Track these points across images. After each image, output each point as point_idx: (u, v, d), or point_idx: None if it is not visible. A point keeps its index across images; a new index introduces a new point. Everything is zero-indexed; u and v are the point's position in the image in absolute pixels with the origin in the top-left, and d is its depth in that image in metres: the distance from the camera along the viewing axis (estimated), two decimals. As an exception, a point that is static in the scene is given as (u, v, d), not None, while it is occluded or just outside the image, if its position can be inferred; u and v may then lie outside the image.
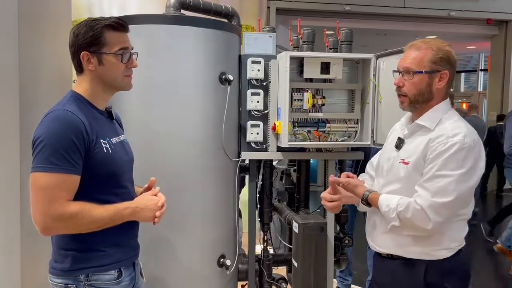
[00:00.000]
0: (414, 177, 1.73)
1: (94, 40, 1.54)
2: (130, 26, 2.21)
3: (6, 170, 2.26)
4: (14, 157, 2.25)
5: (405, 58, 1.79)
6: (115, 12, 4.43)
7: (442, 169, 1.64)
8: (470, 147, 1.65)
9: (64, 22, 2.74)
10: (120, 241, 1.63)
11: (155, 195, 1.67)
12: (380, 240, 1.86)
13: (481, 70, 12.92)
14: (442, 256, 1.74)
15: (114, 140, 1.63)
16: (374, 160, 2.06)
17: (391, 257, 1.83)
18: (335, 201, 1.92)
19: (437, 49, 1.73)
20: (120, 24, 1.59)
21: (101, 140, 1.55)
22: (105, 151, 1.55)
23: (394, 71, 1.83)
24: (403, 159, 1.77)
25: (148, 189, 1.73)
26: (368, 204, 1.83)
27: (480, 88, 12.83)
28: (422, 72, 1.73)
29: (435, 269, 1.74)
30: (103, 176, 1.56)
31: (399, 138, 1.85)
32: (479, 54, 12.68)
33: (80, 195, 1.50)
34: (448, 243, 1.75)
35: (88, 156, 1.50)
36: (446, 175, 1.64)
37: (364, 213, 3.95)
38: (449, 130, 1.68)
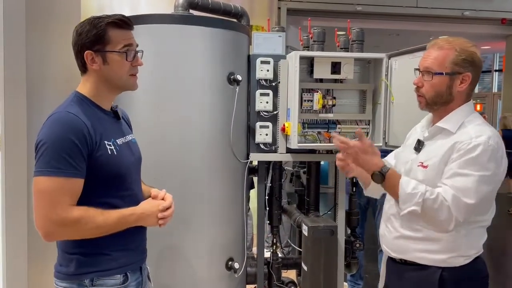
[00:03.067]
0: (434, 181, 1.65)
1: (98, 38, 1.51)
2: (139, 26, 2.20)
3: (13, 173, 2.25)
4: (21, 160, 2.24)
5: (426, 57, 1.70)
6: (126, 12, 4.43)
7: (464, 168, 1.58)
8: (494, 149, 1.59)
9: (74, 22, 2.72)
10: (126, 245, 1.59)
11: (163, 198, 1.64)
12: (394, 244, 1.79)
13: (496, 70, 12.74)
14: (459, 263, 1.67)
15: (120, 140, 1.60)
16: (391, 156, 2.01)
17: (404, 262, 1.77)
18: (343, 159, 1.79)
19: (461, 49, 1.64)
20: (124, 21, 1.56)
21: (106, 142, 1.51)
22: (109, 152, 1.51)
23: (416, 69, 1.74)
24: (422, 163, 1.70)
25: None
26: (382, 179, 1.68)
27: (495, 89, 12.64)
28: (442, 74, 1.65)
29: (451, 277, 1.67)
30: (108, 178, 1.52)
31: (418, 141, 1.78)
32: (493, 54, 12.49)
33: (84, 198, 1.47)
34: (466, 251, 1.67)
35: (91, 158, 1.46)
36: (467, 174, 1.58)
37: (374, 216, 3.89)
38: (472, 133, 1.61)
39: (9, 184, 2.26)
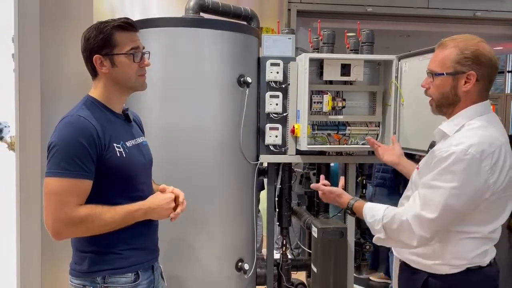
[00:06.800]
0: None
1: (105, 42, 1.55)
2: (150, 29, 2.24)
3: (28, 173, 2.29)
4: (35, 160, 2.28)
5: (432, 58, 1.66)
6: (137, 15, 4.47)
7: (435, 179, 1.51)
8: (473, 159, 1.44)
9: (86, 24, 2.75)
10: (137, 244, 1.63)
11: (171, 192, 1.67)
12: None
13: (509, 71, 12.60)
14: (444, 271, 1.60)
15: (130, 143, 1.63)
16: None
17: (404, 263, 1.76)
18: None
19: (464, 47, 1.55)
20: (129, 24, 1.59)
21: (115, 144, 1.55)
22: (118, 155, 1.54)
23: (427, 72, 1.71)
24: (419, 165, 1.72)
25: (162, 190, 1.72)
26: (353, 213, 1.81)
27: (508, 90, 12.51)
28: (443, 74, 1.58)
29: (437, 284, 1.61)
30: (117, 180, 1.56)
31: (431, 144, 1.78)
32: (506, 55, 12.37)
33: (95, 200, 1.50)
34: (451, 260, 1.58)
35: (101, 160, 1.50)
36: (436, 186, 1.50)
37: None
38: (457, 139, 1.52)
39: (24, 184, 2.30)
